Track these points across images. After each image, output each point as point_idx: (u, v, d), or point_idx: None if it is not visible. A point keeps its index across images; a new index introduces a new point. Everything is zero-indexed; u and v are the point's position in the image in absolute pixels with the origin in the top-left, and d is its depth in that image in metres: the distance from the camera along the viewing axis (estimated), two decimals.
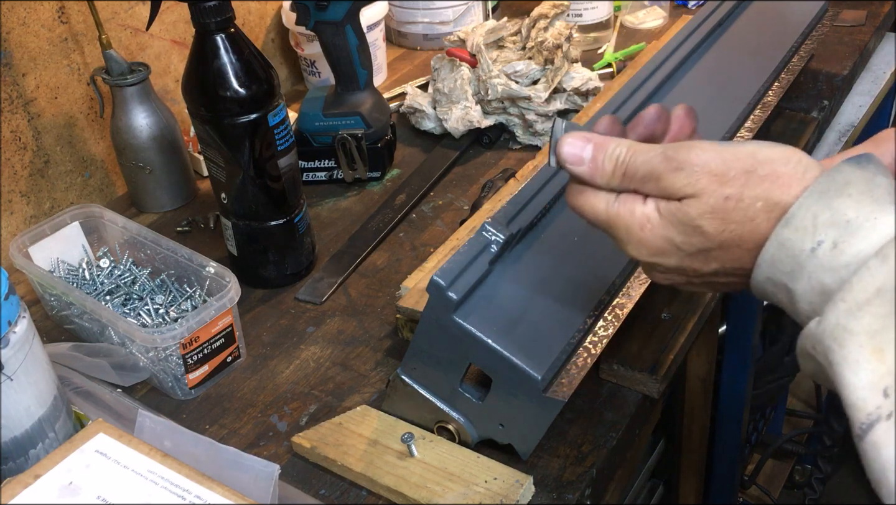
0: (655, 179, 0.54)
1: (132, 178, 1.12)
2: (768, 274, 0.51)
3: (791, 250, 0.50)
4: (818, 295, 0.49)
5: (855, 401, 0.44)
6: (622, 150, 0.56)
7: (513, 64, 1.16)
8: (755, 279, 0.53)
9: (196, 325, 0.80)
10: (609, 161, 0.56)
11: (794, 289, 0.50)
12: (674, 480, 1.31)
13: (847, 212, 0.48)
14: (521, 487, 0.69)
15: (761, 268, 0.51)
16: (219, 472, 0.65)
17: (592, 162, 0.57)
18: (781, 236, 0.50)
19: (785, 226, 0.50)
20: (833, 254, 0.48)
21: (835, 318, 0.46)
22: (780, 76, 1.03)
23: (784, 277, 0.50)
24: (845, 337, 0.45)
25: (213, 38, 0.85)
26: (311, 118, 1.11)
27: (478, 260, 0.67)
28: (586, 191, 0.58)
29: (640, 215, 0.56)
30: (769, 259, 0.51)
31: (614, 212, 0.57)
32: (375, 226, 1.05)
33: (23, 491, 0.61)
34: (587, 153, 0.57)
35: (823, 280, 0.48)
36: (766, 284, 0.52)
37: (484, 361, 0.67)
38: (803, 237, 0.49)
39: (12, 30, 1.01)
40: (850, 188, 0.49)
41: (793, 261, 0.50)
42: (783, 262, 0.50)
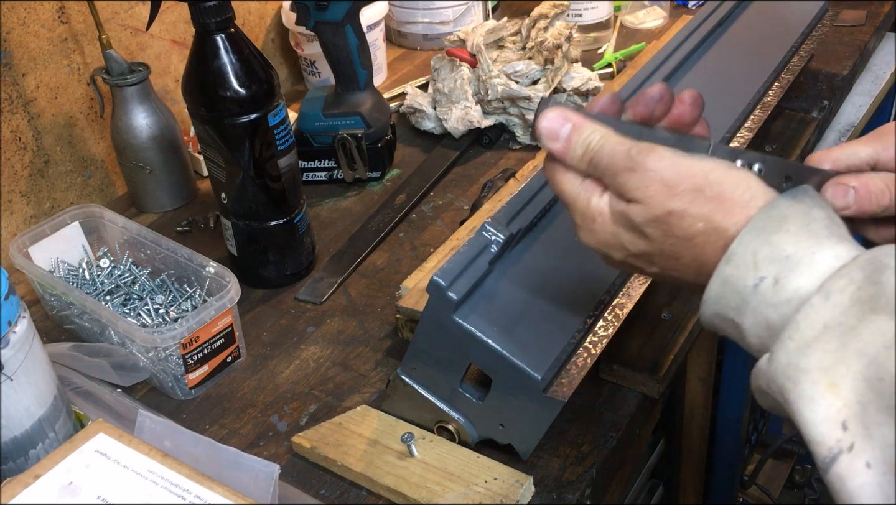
0: (612, 175, 0.55)
1: (132, 178, 1.12)
2: (715, 310, 0.52)
3: (734, 286, 0.50)
4: (764, 330, 0.49)
5: (815, 436, 0.45)
6: (595, 138, 0.56)
7: (513, 64, 1.16)
8: (703, 314, 0.53)
9: (196, 325, 0.80)
10: (580, 145, 0.57)
11: (741, 323, 0.51)
12: (674, 480, 1.31)
13: (786, 247, 0.49)
14: (521, 487, 0.69)
15: (707, 304, 0.52)
16: (219, 472, 0.65)
17: (566, 142, 0.58)
18: (724, 273, 0.51)
19: (727, 263, 0.50)
20: (775, 290, 0.49)
21: (785, 357, 0.47)
22: (780, 76, 1.03)
23: (730, 312, 0.51)
24: (798, 375, 0.46)
25: (213, 38, 0.85)
26: (311, 118, 1.11)
27: (478, 260, 0.67)
28: (559, 166, 0.59)
29: (594, 206, 0.56)
30: (714, 296, 0.51)
31: (575, 195, 0.58)
32: (375, 226, 1.05)
33: (23, 491, 0.61)
34: (564, 131, 0.58)
35: (768, 315, 0.49)
36: (714, 318, 0.53)
37: (484, 361, 0.67)
38: (745, 273, 0.50)
39: (12, 30, 1.01)
40: (787, 223, 0.50)
41: (737, 296, 0.50)
42: (728, 297, 0.51)
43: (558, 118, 0.58)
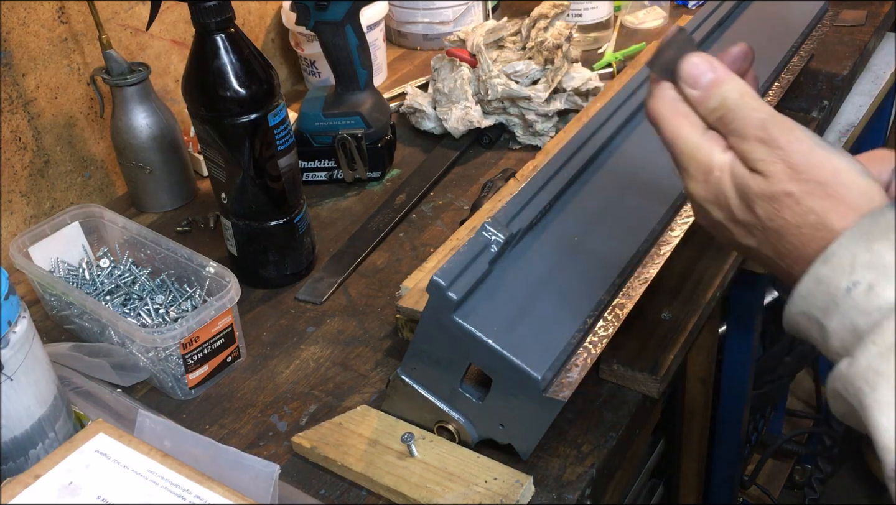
0: (741, 138, 0.54)
1: (132, 178, 1.12)
2: (802, 308, 0.51)
3: (827, 287, 0.50)
4: (850, 334, 0.49)
5: (887, 442, 0.45)
6: (734, 95, 0.55)
7: (513, 64, 1.16)
8: (789, 311, 0.53)
9: (196, 325, 0.80)
10: (716, 99, 0.55)
11: (827, 325, 0.50)
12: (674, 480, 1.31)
13: (885, 255, 0.48)
14: (521, 487, 0.69)
15: (795, 301, 0.52)
16: (219, 472, 0.65)
17: (704, 91, 0.56)
18: (819, 272, 0.50)
19: (823, 263, 0.50)
20: (868, 296, 0.48)
21: (866, 360, 0.47)
22: (780, 76, 1.03)
23: (818, 312, 0.50)
24: (877, 380, 0.46)
25: (213, 38, 0.85)
26: (311, 118, 1.11)
27: (478, 260, 0.67)
28: (680, 110, 0.57)
29: (716, 159, 0.55)
30: (804, 293, 0.51)
31: (695, 144, 0.56)
32: (375, 226, 1.05)
33: (23, 491, 0.61)
34: (705, 79, 0.56)
35: (856, 321, 0.48)
36: (800, 316, 0.52)
37: (484, 361, 0.67)
38: (840, 276, 0.49)
39: (12, 30, 1.01)
40: (892, 233, 0.49)
41: (828, 298, 0.50)
42: (818, 297, 0.50)
43: (703, 64, 0.56)
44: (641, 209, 0.80)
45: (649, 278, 0.75)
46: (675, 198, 0.81)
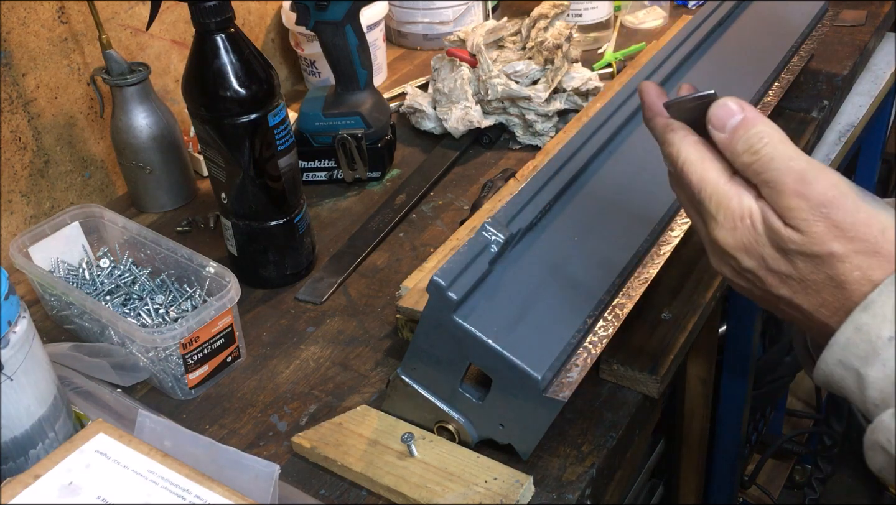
0: (777, 192, 0.51)
1: (132, 178, 1.12)
2: (840, 357, 0.50)
3: (867, 335, 0.49)
4: (891, 384, 0.48)
5: None
6: (763, 140, 0.52)
7: (513, 64, 1.16)
8: (824, 361, 0.51)
9: (196, 325, 0.80)
10: (745, 143, 0.53)
11: (866, 374, 0.49)
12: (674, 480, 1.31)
13: None
14: (521, 487, 0.69)
15: (833, 349, 0.50)
16: (219, 472, 0.65)
17: (732, 133, 0.53)
18: (859, 320, 0.49)
19: (864, 311, 0.49)
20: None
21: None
22: (780, 76, 1.03)
23: (857, 361, 0.49)
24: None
25: (213, 38, 0.85)
26: (311, 118, 1.11)
27: (478, 260, 0.67)
28: (707, 155, 0.55)
29: (745, 207, 0.53)
30: (843, 341, 0.50)
31: (723, 191, 0.54)
32: (375, 226, 1.05)
33: (23, 491, 0.61)
34: (733, 122, 0.53)
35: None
36: (836, 366, 0.50)
37: (484, 361, 0.67)
38: (881, 324, 0.48)
39: (12, 30, 1.01)
40: None
41: (868, 346, 0.49)
42: (858, 346, 0.49)
43: (733, 106, 0.54)
44: (641, 209, 0.80)
45: (649, 278, 0.75)
46: (675, 198, 0.81)
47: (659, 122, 0.58)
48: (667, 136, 0.57)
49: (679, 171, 0.56)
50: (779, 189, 0.51)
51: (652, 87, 0.60)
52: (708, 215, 0.55)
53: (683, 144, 0.56)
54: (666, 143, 0.57)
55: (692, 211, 0.58)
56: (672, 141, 0.57)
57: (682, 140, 0.56)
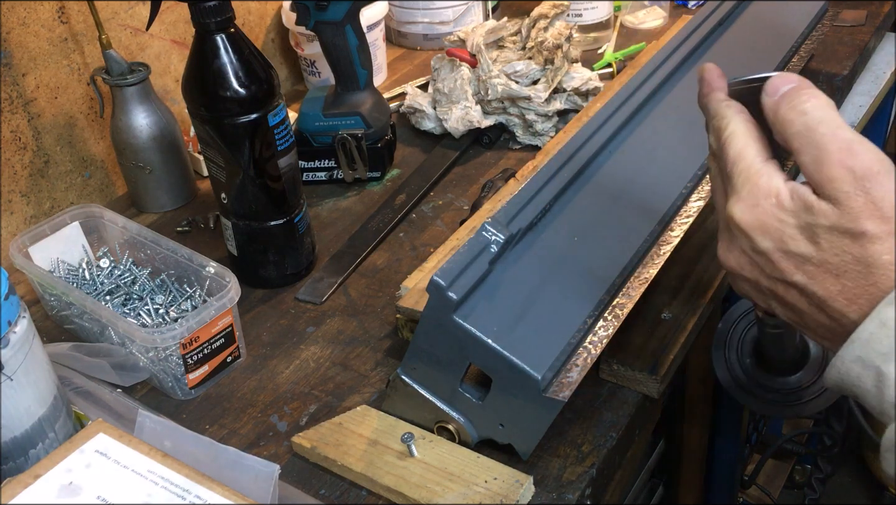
0: (820, 158, 0.49)
1: (132, 178, 1.12)
2: (860, 353, 0.48)
3: (892, 331, 0.47)
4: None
5: None
6: (812, 103, 0.51)
7: (513, 64, 1.16)
8: (841, 357, 0.49)
9: (196, 325, 0.80)
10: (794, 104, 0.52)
11: (888, 372, 0.47)
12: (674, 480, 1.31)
13: None
14: (521, 487, 0.69)
15: (854, 345, 0.49)
16: (219, 472, 0.65)
17: (781, 97, 0.52)
18: (884, 315, 0.47)
19: (889, 304, 0.47)
20: None
21: None
22: None
23: (878, 357, 0.47)
24: None
25: (213, 38, 0.85)
26: (311, 118, 1.11)
27: (478, 260, 0.67)
28: (753, 134, 0.55)
29: (773, 187, 0.52)
30: (866, 337, 0.48)
31: (755, 167, 0.53)
32: (375, 226, 1.05)
33: (23, 491, 0.61)
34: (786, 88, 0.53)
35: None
36: (855, 364, 0.49)
37: (484, 361, 0.67)
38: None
39: (12, 30, 1.01)
40: None
41: (891, 342, 0.47)
42: (881, 342, 0.47)
43: (788, 78, 0.53)
44: (641, 209, 0.80)
45: (649, 278, 0.75)
46: (675, 198, 0.82)
47: (716, 97, 0.59)
48: (721, 109, 0.57)
49: (722, 142, 0.56)
50: (822, 155, 0.49)
51: (714, 67, 0.60)
52: (732, 189, 0.54)
53: (735, 119, 0.56)
54: (718, 117, 0.57)
55: (719, 184, 0.58)
56: (725, 114, 0.57)
57: (734, 115, 0.56)
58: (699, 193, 0.83)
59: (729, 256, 0.56)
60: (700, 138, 0.89)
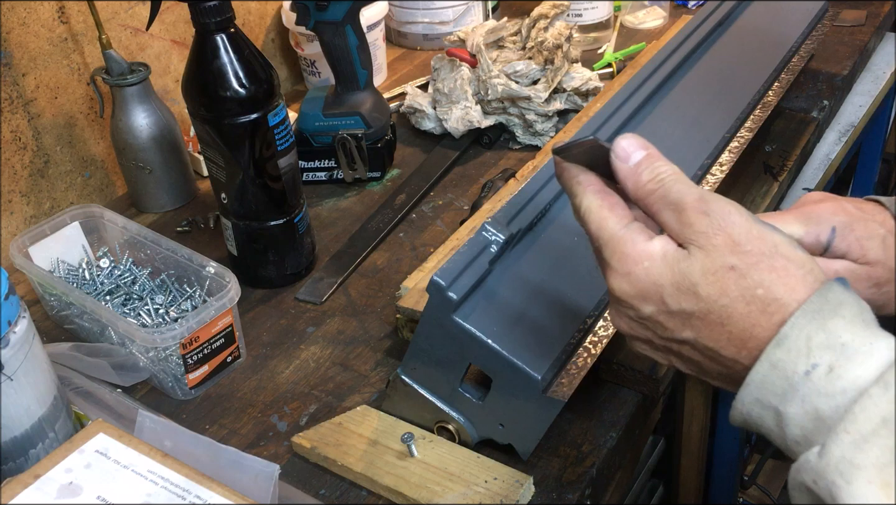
0: (679, 211, 0.51)
1: (132, 178, 1.12)
2: (757, 395, 0.49)
3: (783, 372, 0.48)
4: (812, 421, 0.47)
5: None
6: (667, 171, 0.53)
7: (513, 64, 1.16)
8: (741, 400, 0.50)
9: (196, 325, 0.80)
10: (650, 173, 0.53)
11: (786, 412, 0.48)
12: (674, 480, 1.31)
13: (842, 335, 0.47)
14: (521, 487, 0.69)
15: (749, 388, 0.49)
16: (219, 472, 0.65)
17: (636, 166, 0.54)
18: (774, 357, 0.48)
19: (777, 346, 0.48)
20: (829, 378, 0.46)
21: (839, 451, 0.44)
22: (780, 76, 1.03)
23: (774, 399, 0.48)
24: (852, 472, 0.44)
25: (213, 38, 0.85)
26: (311, 118, 1.11)
27: (478, 260, 0.67)
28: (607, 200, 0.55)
29: (641, 250, 0.52)
30: (759, 380, 0.49)
31: (619, 235, 0.53)
32: (375, 226, 1.05)
33: (23, 491, 0.61)
34: (636, 157, 0.54)
35: (818, 405, 0.46)
36: (754, 405, 0.50)
37: (484, 361, 0.67)
38: (797, 359, 0.47)
39: (12, 30, 1.01)
40: (843, 309, 0.48)
41: (785, 382, 0.48)
42: (774, 383, 0.48)
43: (637, 143, 0.54)
44: None
45: None
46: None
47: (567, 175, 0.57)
48: (572, 187, 0.56)
49: (582, 221, 0.56)
50: (681, 207, 0.51)
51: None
52: (605, 264, 0.54)
53: (586, 195, 0.55)
54: (571, 195, 0.57)
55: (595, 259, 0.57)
56: (576, 192, 0.56)
57: (584, 190, 0.56)
58: None
59: (620, 322, 0.56)
60: (700, 138, 0.89)
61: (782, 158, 1.10)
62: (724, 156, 0.88)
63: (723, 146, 0.89)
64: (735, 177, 1.02)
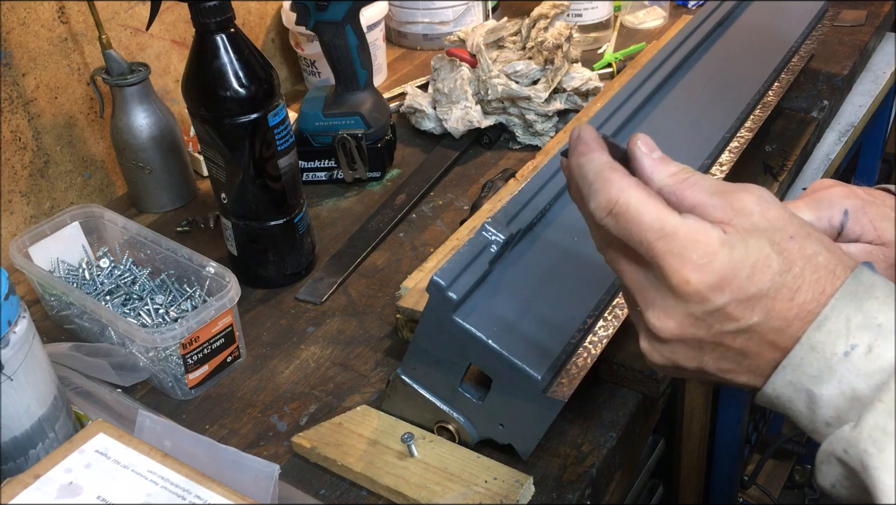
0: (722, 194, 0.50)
1: (132, 178, 1.12)
2: (791, 378, 0.49)
3: (822, 353, 0.48)
4: (847, 401, 0.47)
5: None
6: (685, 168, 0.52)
7: (513, 64, 1.16)
8: (773, 382, 0.50)
9: (196, 325, 0.80)
10: (676, 164, 0.52)
11: (820, 394, 0.48)
12: (674, 480, 1.31)
13: (877, 316, 0.47)
14: (521, 487, 0.69)
15: (785, 370, 0.49)
16: (219, 472, 0.65)
17: (662, 158, 0.52)
18: (813, 339, 0.48)
19: (818, 329, 0.48)
20: (868, 358, 0.47)
21: (873, 419, 0.45)
22: (780, 76, 1.03)
23: (808, 380, 0.48)
24: (885, 440, 0.44)
25: (213, 38, 0.85)
26: (311, 118, 1.11)
27: (478, 260, 0.67)
28: (651, 193, 0.50)
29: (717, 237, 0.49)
30: (797, 361, 0.48)
31: (687, 224, 0.49)
32: (375, 226, 1.05)
33: (23, 491, 0.61)
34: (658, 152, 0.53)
35: (856, 385, 0.47)
36: (786, 387, 0.49)
37: (484, 361, 0.67)
38: (836, 340, 0.47)
39: (12, 30, 1.01)
40: (876, 291, 0.48)
41: (823, 364, 0.48)
42: (811, 365, 0.48)
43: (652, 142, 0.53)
44: None
45: None
46: None
47: (597, 159, 0.52)
48: (605, 174, 0.51)
49: (622, 213, 0.50)
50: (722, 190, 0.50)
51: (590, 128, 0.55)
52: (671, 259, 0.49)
53: (623, 190, 0.50)
54: (604, 181, 0.51)
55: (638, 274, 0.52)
56: (611, 178, 0.51)
57: (620, 185, 0.51)
58: None
59: (669, 323, 0.51)
60: (700, 138, 0.89)
61: (782, 158, 1.10)
62: (724, 156, 0.88)
63: (723, 146, 0.89)
64: (735, 177, 1.02)
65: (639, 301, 0.52)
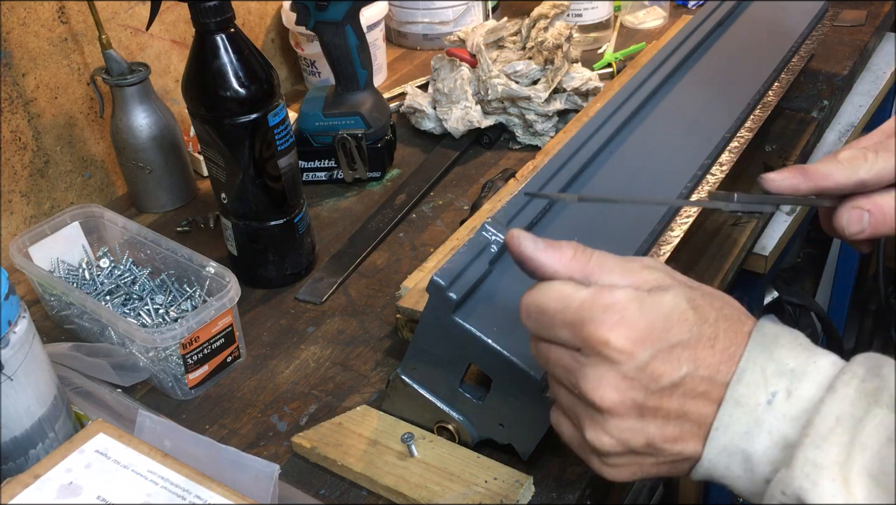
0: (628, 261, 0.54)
1: (132, 178, 1.12)
2: (724, 441, 0.50)
3: (747, 406, 0.49)
4: (780, 450, 0.48)
5: None
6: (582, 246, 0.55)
7: (513, 64, 1.16)
8: (707, 451, 0.51)
9: (196, 325, 0.80)
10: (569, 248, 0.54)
11: (753, 451, 0.49)
12: (674, 480, 1.31)
13: (788, 361, 0.50)
14: (521, 487, 0.69)
15: (717, 432, 0.50)
16: (219, 472, 0.65)
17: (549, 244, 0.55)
18: (737, 393, 0.50)
19: (738, 382, 0.50)
20: (790, 402, 0.49)
21: (803, 455, 0.46)
22: (780, 76, 1.03)
23: (741, 439, 0.49)
24: (817, 473, 0.46)
25: (213, 38, 0.85)
26: (311, 118, 1.11)
27: (478, 260, 0.67)
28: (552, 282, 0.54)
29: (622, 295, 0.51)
30: (726, 420, 0.50)
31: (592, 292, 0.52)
32: (375, 226, 1.05)
33: (23, 491, 0.61)
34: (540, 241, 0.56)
35: (785, 431, 0.48)
36: (721, 455, 0.50)
37: (484, 361, 0.67)
38: (756, 391, 0.49)
39: (12, 30, 1.01)
40: (781, 339, 0.51)
41: (749, 417, 0.49)
42: (740, 421, 0.49)
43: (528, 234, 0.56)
44: (641, 209, 0.80)
45: None
46: (675, 198, 0.81)
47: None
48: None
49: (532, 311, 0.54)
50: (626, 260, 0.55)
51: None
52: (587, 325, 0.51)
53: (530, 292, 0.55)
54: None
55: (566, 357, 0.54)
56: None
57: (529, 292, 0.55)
58: (699, 194, 0.83)
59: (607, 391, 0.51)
60: (700, 138, 0.89)
61: (782, 158, 1.10)
62: (724, 156, 0.88)
63: (723, 146, 0.89)
64: (735, 177, 1.02)
65: (574, 381, 0.53)
